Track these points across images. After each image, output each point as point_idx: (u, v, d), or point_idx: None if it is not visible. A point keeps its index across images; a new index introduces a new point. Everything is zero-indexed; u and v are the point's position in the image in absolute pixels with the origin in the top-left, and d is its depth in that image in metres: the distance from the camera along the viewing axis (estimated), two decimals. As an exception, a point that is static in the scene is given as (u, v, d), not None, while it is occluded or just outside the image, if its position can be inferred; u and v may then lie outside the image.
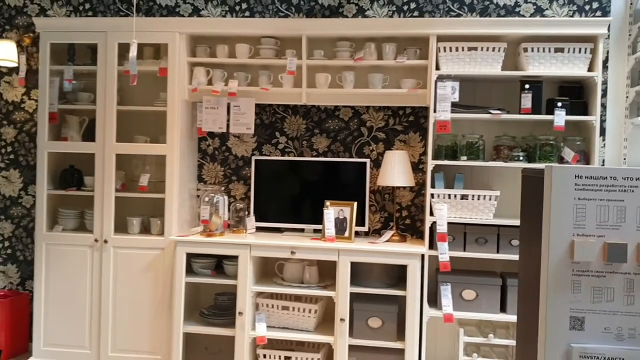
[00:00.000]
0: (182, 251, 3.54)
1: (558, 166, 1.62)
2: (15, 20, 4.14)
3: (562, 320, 1.63)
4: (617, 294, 1.61)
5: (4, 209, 4.19)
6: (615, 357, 1.59)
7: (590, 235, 1.61)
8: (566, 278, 1.62)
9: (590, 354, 1.60)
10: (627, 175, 1.59)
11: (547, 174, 1.64)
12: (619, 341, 1.60)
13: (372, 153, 3.87)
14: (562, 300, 1.63)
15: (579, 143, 3.51)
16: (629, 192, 1.59)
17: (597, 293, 1.62)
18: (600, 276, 1.61)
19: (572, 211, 1.61)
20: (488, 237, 3.44)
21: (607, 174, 1.60)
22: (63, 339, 3.76)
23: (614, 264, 1.61)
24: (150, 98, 3.82)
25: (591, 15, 3.71)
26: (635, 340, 1.60)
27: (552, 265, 1.63)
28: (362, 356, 3.45)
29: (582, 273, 1.62)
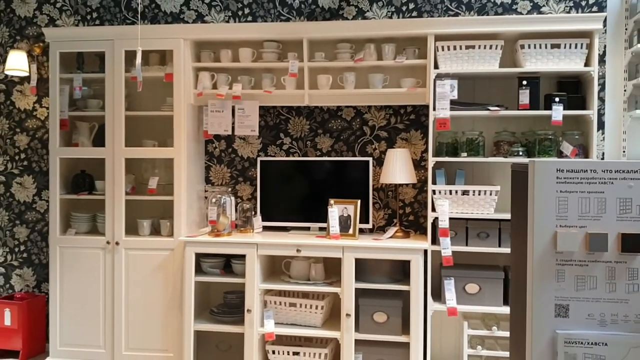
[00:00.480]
0: (191, 251, 3.64)
1: (540, 160, 1.70)
2: (25, 31, 4.26)
3: (548, 308, 1.70)
4: (599, 281, 1.68)
5: (19, 214, 4.32)
6: (598, 342, 1.66)
7: (572, 226, 1.68)
8: (550, 267, 1.69)
9: (574, 339, 1.67)
10: (606, 168, 1.66)
11: (530, 169, 1.71)
12: (602, 327, 1.67)
13: (374, 151, 3.95)
14: (547, 288, 1.70)
15: (578, 137, 3.56)
16: (609, 184, 1.66)
17: (581, 281, 1.69)
18: (583, 265, 1.68)
19: (555, 203, 1.68)
20: (489, 232, 3.50)
21: (587, 167, 1.67)
22: (78, 338, 3.88)
23: (595, 253, 1.68)
24: (157, 103, 3.93)
25: (588, 10, 3.76)
26: (617, 325, 1.67)
27: (537, 256, 1.70)
28: (368, 350, 3.53)
29: (565, 262, 1.69)
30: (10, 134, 4.30)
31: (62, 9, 4.22)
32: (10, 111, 4.30)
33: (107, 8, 4.17)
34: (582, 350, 1.67)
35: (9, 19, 4.28)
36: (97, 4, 4.18)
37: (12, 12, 4.28)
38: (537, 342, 1.70)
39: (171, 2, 4.10)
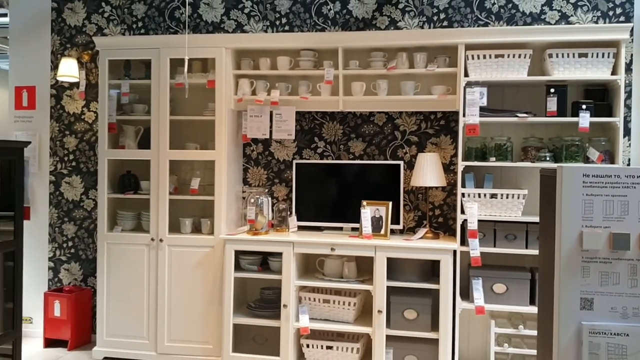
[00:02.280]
0: (230, 249, 3.85)
1: (568, 166, 1.85)
2: (75, 39, 4.52)
3: (574, 301, 1.85)
4: (622, 277, 1.83)
5: (67, 211, 4.57)
6: (620, 333, 1.80)
7: (597, 226, 1.83)
8: (577, 264, 1.85)
9: (598, 330, 1.82)
10: (629, 174, 1.81)
11: (558, 173, 1.87)
12: (624, 319, 1.82)
13: (405, 155, 4.11)
14: (574, 284, 1.85)
15: (604, 143, 3.68)
16: (631, 188, 1.81)
17: (604, 277, 1.84)
18: (606, 262, 1.83)
19: (581, 205, 1.84)
20: (517, 234, 3.64)
21: (612, 172, 1.82)
22: (123, 329, 4.10)
23: (618, 251, 1.83)
24: (200, 108, 4.14)
25: (615, 20, 3.87)
26: (638, 318, 1.81)
27: (565, 254, 1.85)
28: (398, 346, 3.69)
29: (590, 260, 1.84)
30: (60, 136, 4.56)
31: (109, 19, 4.47)
32: (60, 115, 4.56)
33: (152, 18, 4.40)
34: (605, 340, 1.82)
35: (60, 28, 4.54)
36: (142, 14, 4.42)
37: (63, 21, 4.54)
38: (563, 332, 1.85)
39: (212, 12, 4.32)
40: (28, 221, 4.50)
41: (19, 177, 2.82)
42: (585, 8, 3.90)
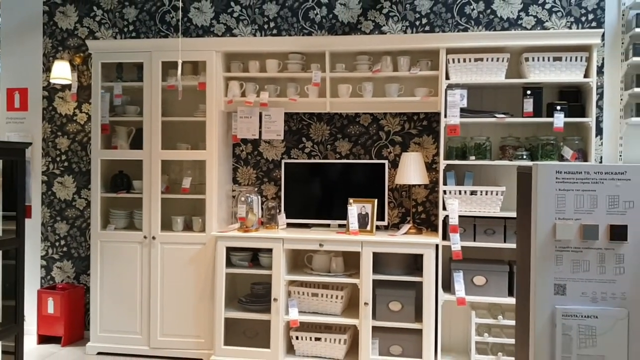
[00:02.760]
0: (222, 245, 3.98)
1: (542, 164, 2.03)
2: (67, 42, 4.61)
3: (548, 288, 2.03)
4: (591, 265, 2.01)
5: (59, 211, 4.66)
6: (590, 316, 1.99)
7: (569, 218, 2.02)
8: (550, 253, 2.03)
9: (570, 313, 2.00)
10: (597, 170, 1.99)
11: (534, 171, 2.05)
12: (594, 303, 2.01)
13: (389, 155, 4.28)
14: (548, 271, 2.03)
15: (577, 142, 3.89)
16: (600, 183, 1.99)
17: (576, 265, 2.02)
18: (577, 251, 2.02)
19: (554, 200, 2.02)
20: (495, 229, 3.83)
21: (582, 169, 2.00)
22: (117, 325, 4.21)
23: (588, 241, 2.01)
24: (191, 109, 4.27)
25: (587, 26, 4.08)
26: (606, 302, 2.00)
27: (539, 244, 2.03)
28: (384, 336, 3.86)
29: (563, 249, 2.02)
30: (52, 137, 4.65)
31: (101, 22, 4.57)
32: (52, 116, 4.65)
33: (143, 21, 4.51)
34: (576, 322, 2.00)
35: (51, 31, 4.63)
36: (133, 18, 4.52)
37: (55, 24, 4.63)
38: (539, 316, 2.03)
39: (202, 16, 4.44)
40: (29, 219, 4.59)
41: (21, 177, 2.93)
42: (560, 14, 4.10)
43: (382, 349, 3.84)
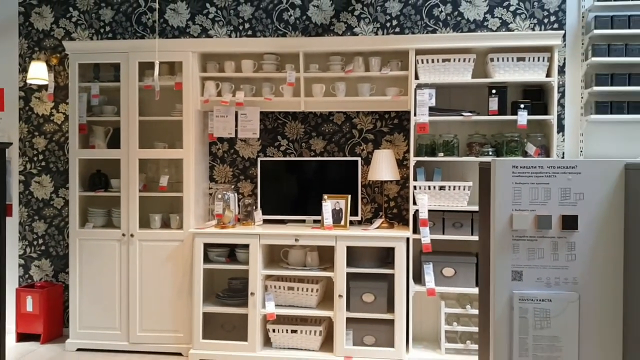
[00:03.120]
0: (200, 242, 4.08)
1: (501, 159, 2.18)
2: (43, 43, 4.65)
3: (506, 274, 2.19)
4: (545, 252, 2.17)
5: (37, 210, 4.71)
6: (544, 299, 2.15)
7: (524, 209, 2.17)
8: (508, 242, 2.18)
9: (526, 297, 2.16)
10: (550, 165, 2.15)
11: (492, 166, 2.20)
12: (548, 287, 2.17)
13: (362, 152, 4.42)
14: (506, 259, 2.18)
15: (540, 139, 4.08)
16: (553, 177, 2.15)
17: (531, 252, 2.18)
18: (533, 240, 2.17)
19: (511, 192, 2.17)
20: (463, 222, 4.00)
21: (536, 164, 2.16)
22: (96, 321, 4.28)
23: (542, 230, 2.17)
24: (168, 109, 4.35)
25: (550, 27, 4.27)
26: (559, 286, 2.16)
27: (498, 234, 2.18)
28: (358, 327, 4.00)
29: (519, 238, 2.18)
30: (29, 137, 4.69)
31: (77, 23, 4.62)
32: (29, 116, 4.69)
33: (119, 22, 4.58)
34: (532, 305, 2.16)
35: (27, 32, 4.67)
36: (110, 19, 4.59)
37: (31, 25, 4.67)
38: (498, 301, 2.19)
39: (178, 17, 4.53)
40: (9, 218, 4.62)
41: (1, 176, 2.99)
42: (523, 16, 4.28)
43: (356, 339, 3.99)
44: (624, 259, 2.13)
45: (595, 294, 2.15)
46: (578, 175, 2.15)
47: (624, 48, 4.01)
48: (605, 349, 2.13)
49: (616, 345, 2.13)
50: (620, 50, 4.02)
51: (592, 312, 2.14)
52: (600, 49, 4.03)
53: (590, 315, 2.14)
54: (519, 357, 2.18)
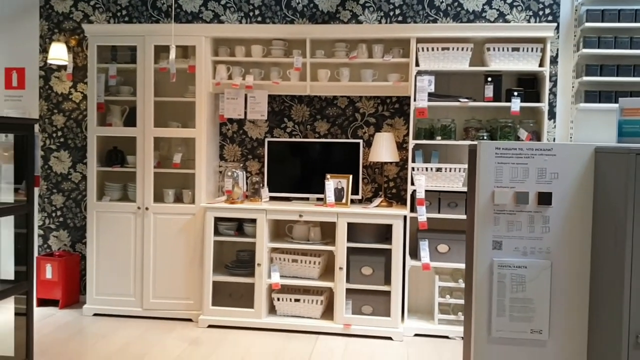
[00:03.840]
0: (210, 216, 4.36)
1: (485, 142, 2.44)
2: (62, 25, 4.90)
3: (488, 244, 2.45)
4: (523, 225, 2.43)
5: (56, 184, 4.99)
6: (521, 266, 2.41)
7: (505, 186, 2.43)
8: (490, 216, 2.44)
9: (505, 264, 2.42)
10: (529, 147, 2.41)
11: (478, 148, 2.46)
12: (524, 256, 2.43)
13: (364, 135, 4.68)
14: (488, 230, 2.44)
15: (532, 125, 4.32)
16: (531, 158, 2.41)
17: (510, 225, 2.44)
18: (512, 214, 2.43)
19: (494, 171, 2.43)
20: (458, 202, 4.26)
21: (516, 146, 2.42)
22: (112, 289, 4.58)
23: (520, 205, 2.43)
24: (181, 90, 4.61)
25: (544, 20, 4.49)
26: (534, 255, 2.42)
27: (481, 208, 2.45)
28: (356, 297, 4.28)
29: (500, 212, 2.44)
30: (49, 114, 4.96)
31: (95, 7, 4.86)
32: (48, 95, 4.95)
33: (136, 7, 4.82)
34: (509, 271, 2.43)
35: (48, 14, 4.91)
36: (126, 3, 4.82)
37: (51, 8, 4.91)
38: (480, 266, 2.45)
39: (192, 3, 4.76)
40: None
41: (30, 150, 3.26)
42: (520, 8, 4.51)
43: (355, 308, 4.27)
44: (592, 232, 2.39)
45: (565, 262, 2.41)
46: (553, 157, 2.41)
47: (614, 40, 4.24)
48: (573, 309, 2.40)
49: (583, 306, 2.40)
50: (610, 43, 4.24)
51: (562, 278, 2.41)
52: (591, 41, 4.25)
53: (561, 281, 2.41)
54: (497, 317, 2.45)
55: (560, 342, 2.42)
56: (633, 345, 2.06)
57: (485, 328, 2.46)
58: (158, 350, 3.92)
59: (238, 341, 4.10)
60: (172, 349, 3.93)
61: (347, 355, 3.90)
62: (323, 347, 4.04)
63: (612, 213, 2.18)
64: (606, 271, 2.24)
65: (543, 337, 2.43)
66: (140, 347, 3.96)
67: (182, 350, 3.91)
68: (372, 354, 3.92)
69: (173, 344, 4.04)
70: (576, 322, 2.39)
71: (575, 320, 2.39)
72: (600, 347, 2.27)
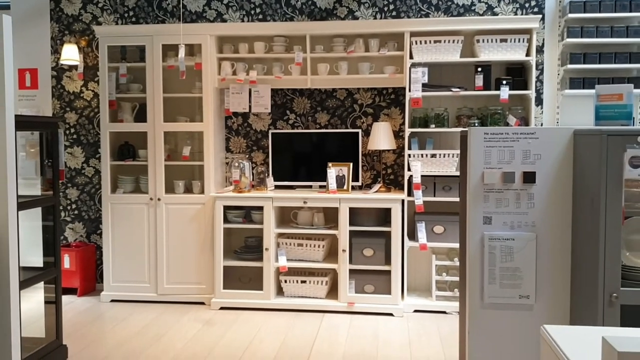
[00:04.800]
0: (220, 205, 4.62)
1: (474, 128, 2.71)
2: (72, 26, 5.13)
3: (479, 219, 2.72)
4: (510, 202, 2.70)
5: (70, 178, 5.24)
6: (509, 239, 2.68)
7: (493, 167, 2.70)
8: (480, 194, 2.71)
9: (494, 237, 2.69)
10: (514, 132, 2.68)
11: (469, 133, 2.72)
12: (512, 229, 2.70)
13: (362, 124, 4.94)
14: (478, 207, 2.71)
15: (520, 111, 4.59)
16: (516, 141, 2.68)
17: (499, 202, 2.71)
18: (500, 192, 2.70)
19: (483, 154, 2.70)
20: (452, 185, 4.53)
21: (503, 131, 2.68)
22: (127, 276, 4.84)
23: (508, 184, 2.70)
24: (189, 87, 4.86)
25: (531, 12, 4.75)
26: (520, 228, 2.70)
27: (472, 187, 2.72)
28: (359, 277, 4.56)
29: (489, 190, 2.71)
30: (62, 112, 5.20)
31: (103, 8, 5.09)
32: (61, 93, 5.19)
33: (142, 7, 5.05)
34: (499, 243, 2.70)
35: (58, 17, 5.14)
36: (133, 4, 5.06)
37: (61, 10, 5.14)
38: (472, 240, 2.73)
39: (195, 3, 5.00)
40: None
41: (55, 145, 3.51)
42: (507, 1, 4.76)
43: (358, 288, 4.55)
44: (572, 206, 2.67)
45: (549, 234, 2.69)
46: (536, 139, 2.68)
47: (595, 30, 4.50)
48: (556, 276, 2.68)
49: (565, 273, 2.68)
50: (592, 32, 4.51)
51: (546, 248, 2.69)
52: (575, 31, 4.52)
53: (545, 251, 2.69)
54: (489, 285, 2.73)
55: (546, 305, 2.70)
56: (607, 304, 2.35)
57: (479, 295, 2.74)
58: (175, 331, 4.19)
59: (249, 321, 4.38)
60: (188, 330, 4.21)
61: (351, 331, 4.18)
62: (329, 324, 4.32)
63: (589, 187, 2.46)
64: (584, 240, 2.51)
65: (530, 301, 2.72)
66: (157, 329, 4.23)
67: (197, 330, 4.19)
68: (374, 330, 4.20)
69: (188, 324, 4.32)
70: (559, 287, 2.67)
71: (558, 286, 2.67)
72: (580, 308, 2.56)
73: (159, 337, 4.05)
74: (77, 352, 3.80)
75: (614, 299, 2.31)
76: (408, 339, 4.03)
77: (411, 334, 4.11)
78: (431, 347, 3.88)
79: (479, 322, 2.76)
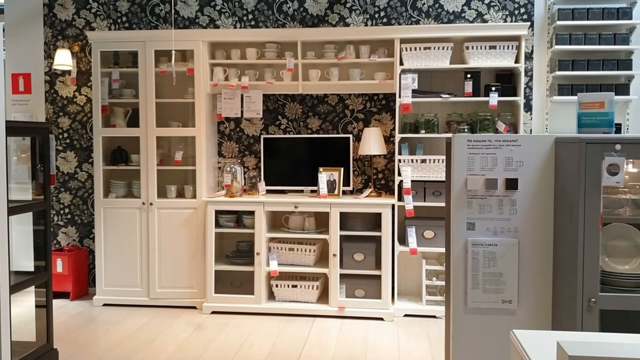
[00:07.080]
0: (211, 209, 4.65)
1: (458, 135, 2.75)
2: (66, 32, 5.17)
3: (462, 225, 2.76)
4: (493, 208, 2.74)
5: (63, 182, 5.27)
6: (492, 244, 2.72)
7: (476, 174, 2.74)
8: (464, 200, 2.75)
9: (478, 243, 2.73)
10: (497, 139, 2.72)
11: (452, 141, 2.77)
12: (495, 235, 2.74)
13: (354, 130, 4.98)
14: (462, 213, 2.75)
15: (510, 117, 4.64)
16: (499, 148, 2.72)
17: (482, 208, 2.75)
18: (483, 198, 2.74)
19: (466, 161, 2.74)
20: (442, 191, 4.57)
21: (486, 139, 2.73)
22: (119, 280, 4.87)
23: (490, 190, 2.74)
24: (181, 92, 4.89)
25: (520, 19, 4.80)
26: (503, 234, 2.74)
27: (456, 193, 2.76)
28: (350, 282, 4.59)
29: (473, 197, 2.75)
30: (55, 117, 5.23)
31: (96, 14, 5.13)
32: (54, 98, 5.22)
33: (135, 13, 5.09)
34: (482, 249, 2.74)
35: (51, 22, 5.18)
36: (126, 10, 5.10)
37: (54, 15, 5.18)
38: (456, 245, 2.76)
39: (188, 9, 5.04)
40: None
41: (46, 150, 3.54)
42: (497, 7, 4.81)
43: (348, 292, 4.59)
44: (553, 212, 2.71)
45: (531, 240, 2.73)
46: (519, 147, 2.72)
47: (584, 37, 4.55)
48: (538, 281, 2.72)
49: (547, 278, 2.72)
50: (580, 39, 4.56)
51: (528, 254, 2.73)
52: (563, 38, 4.57)
53: (528, 256, 2.73)
54: (472, 289, 2.77)
55: (528, 310, 2.74)
56: (586, 309, 2.39)
57: (462, 300, 2.78)
58: (166, 335, 4.22)
59: (240, 325, 4.41)
60: (179, 334, 4.24)
61: (341, 335, 4.22)
62: (319, 328, 4.35)
63: (569, 194, 2.50)
64: (564, 246, 2.56)
65: (513, 306, 2.76)
66: (149, 333, 4.26)
67: (188, 334, 4.22)
68: (364, 334, 4.24)
69: (180, 329, 4.35)
70: (541, 292, 2.71)
71: (540, 291, 2.71)
72: (560, 313, 2.60)
73: (150, 341, 4.08)
74: (68, 356, 3.83)
75: (593, 303, 2.35)
76: (397, 343, 4.07)
77: (400, 338, 4.15)
78: (419, 351, 3.92)
79: (462, 326, 2.80)
